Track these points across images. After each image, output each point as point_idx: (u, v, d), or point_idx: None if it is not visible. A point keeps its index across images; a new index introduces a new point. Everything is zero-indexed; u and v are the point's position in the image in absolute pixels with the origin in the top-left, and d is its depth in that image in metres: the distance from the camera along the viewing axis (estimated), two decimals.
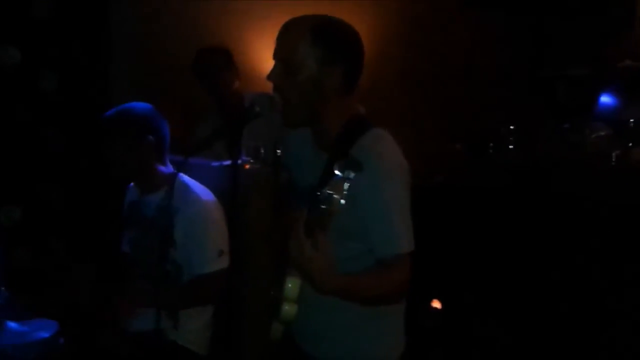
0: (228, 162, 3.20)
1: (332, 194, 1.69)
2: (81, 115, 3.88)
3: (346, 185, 1.70)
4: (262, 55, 4.28)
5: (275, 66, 1.98)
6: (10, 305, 2.68)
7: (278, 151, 3.17)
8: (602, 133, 3.54)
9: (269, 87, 2.04)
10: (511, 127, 3.91)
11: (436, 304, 3.26)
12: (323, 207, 1.71)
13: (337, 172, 1.72)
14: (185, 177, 2.72)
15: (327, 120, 1.99)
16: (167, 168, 2.75)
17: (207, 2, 4.34)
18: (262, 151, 3.31)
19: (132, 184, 2.85)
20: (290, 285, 1.87)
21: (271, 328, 1.99)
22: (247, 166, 3.20)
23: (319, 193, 1.73)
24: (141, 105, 2.73)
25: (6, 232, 3.69)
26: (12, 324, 2.56)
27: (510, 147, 3.86)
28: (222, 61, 3.87)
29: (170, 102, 3.83)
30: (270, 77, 1.99)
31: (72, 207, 3.90)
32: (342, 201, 1.70)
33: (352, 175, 1.73)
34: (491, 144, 3.92)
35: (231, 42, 4.19)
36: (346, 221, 1.83)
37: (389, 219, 1.91)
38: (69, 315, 2.78)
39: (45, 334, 2.54)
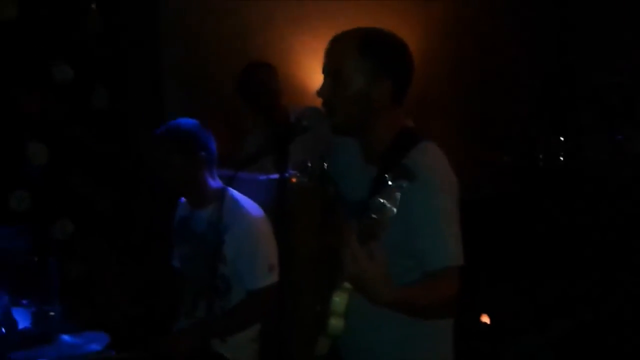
0: (275, 176, 3.20)
1: (384, 202, 1.68)
2: (132, 131, 3.92)
3: (398, 195, 1.69)
4: (307, 70, 4.30)
5: (324, 81, 1.98)
6: (63, 319, 2.73)
7: (325, 165, 3.16)
8: None
9: (314, 101, 2.03)
10: (561, 137, 3.84)
11: (485, 318, 3.20)
12: (374, 216, 1.70)
13: (389, 181, 1.71)
14: (234, 192, 2.73)
15: (376, 133, 1.98)
16: (216, 182, 2.77)
17: (252, 18, 4.36)
18: (309, 165, 3.31)
19: (183, 199, 2.88)
20: (337, 299, 1.85)
21: (318, 343, 1.97)
22: (294, 180, 3.20)
23: (370, 202, 1.72)
24: (189, 122, 2.75)
25: (60, 245, 3.74)
26: (65, 337, 2.60)
27: (561, 158, 3.79)
28: (267, 76, 3.89)
29: (217, 117, 3.88)
30: (320, 92, 1.99)
31: (124, 221, 3.95)
32: (395, 209, 1.68)
33: (404, 184, 1.71)
34: (541, 155, 3.86)
35: (276, 57, 4.21)
36: (395, 236, 1.81)
37: (440, 231, 1.89)
38: (120, 328, 2.81)
39: (97, 347, 2.58)
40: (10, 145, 3.78)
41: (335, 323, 1.86)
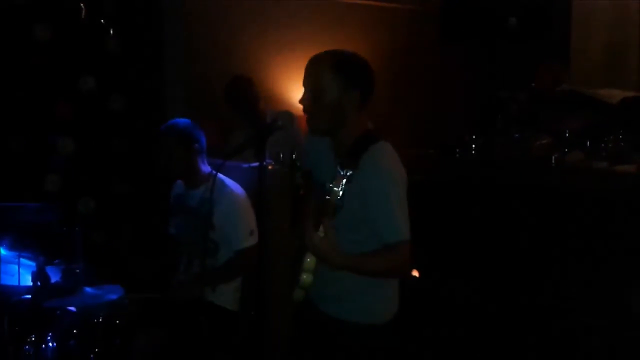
0: (256, 164, 3.18)
1: (332, 187, 1.69)
2: (142, 129, 3.87)
3: (344, 181, 1.70)
4: (282, 80, 4.27)
5: (304, 93, 1.95)
6: (86, 275, 2.69)
7: (294, 156, 3.15)
8: (544, 141, 3.51)
9: (287, 105, 2.02)
10: (474, 136, 3.88)
11: (415, 273, 3.23)
12: (327, 197, 1.72)
13: (339, 170, 1.73)
14: (221, 175, 2.71)
15: (345, 133, 1.96)
16: (207, 167, 2.75)
17: (240, 37, 4.32)
18: (282, 156, 3.30)
19: (178, 180, 2.85)
20: (308, 259, 1.86)
21: (294, 293, 1.96)
22: (271, 167, 3.19)
23: (325, 187, 1.73)
24: (185, 121, 2.74)
25: (84, 218, 3.70)
26: (88, 289, 2.56)
27: (473, 152, 3.83)
28: (247, 87, 3.84)
29: (210, 117, 3.84)
30: (301, 101, 1.96)
31: (136, 198, 3.90)
32: (340, 193, 1.71)
33: (349, 173, 1.72)
34: (457, 150, 3.90)
35: (259, 69, 4.18)
36: (356, 213, 1.87)
37: (391, 212, 1.90)
38: (132, 282, 2.78)
39: (113, 296, 2.54)
40: (44, 140, 3.74)
41: (306, 277, 1.87)
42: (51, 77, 3.72)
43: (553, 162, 3.28)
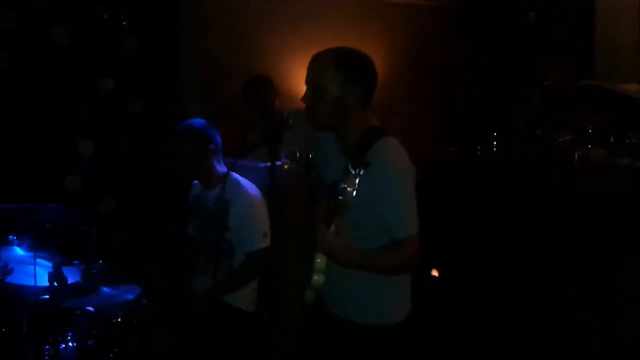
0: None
1: (346, 187, 1.68)
2: (160, 130, 3.89)
3: (357, 180, 1.68)
4: (299, 79, 4.25)
5: (307, 90, 1.94)
6: (104, 274, 2.70)
7: (310, 155, 3.13)
8: (567, 137, 3.44)
9: (303, 104, 2.00)
10: (494, 133, 3.82)
11: (435, 272, 3.19)
12: (340, 197, 1.72)
13: (351, 170, 1.71)
14: (236, 175, 2.70)
15: (348, 130, 1.95)
16: (222, 168, 2.74)
17: (257, 38, 4.31)
18: (299, 155, 3.28)
19: (196, 181, 2.84)
20: (319, 260, 1.85)
21: (305, 294, 1.95)
22: (287, 166, 3.17)
23: (337, 186, 1.71)
24: (200, 121, 2.73)
25: (105, 219, 3.72)
26: (105, 289, 2.58)
27: (494, 149, 3.77)
28: (264, 86, 3.83)
29: (229, 117, 3.84)
30: (303, 99, 1.95)
31: (154, 200, 3.92)
32: (354, 193, 1.70)
33: (361, 172, 1.70)
34: (479, 147, 3.84)
35: (275, 69, 4.17)
36: (365, 211, 1.85)
37: (399, 208, 1.89)
38: (150, 284, 2.79)
39: (130, 296, 2.55)
40: (65, 141, 3.77)
41: (317, 278, 1.86)
42: (70, 79, 3.75)
43: (576, 158, 3.22)
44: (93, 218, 3.18)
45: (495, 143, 3.79)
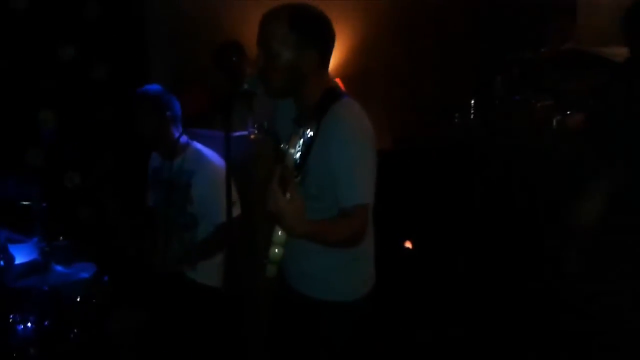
0: (239, 133, 3.03)
1: (288, 148, 1.55)
2: (124, 99, 3.71)
3: (300, 141, 1.53)
4: None
5: (258, 53, 1.78)
6: (60, 252, 2.56)
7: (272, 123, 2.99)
8: (547, 103, 3.33)
9: None
10: (472, 101, 3.71)
11: (408, 244, 3.09)
12: (285, 162, 1.58)
13: (295, 129, 1.60)
14: (197, 145, 2.56)
15: (305, 95, 1.80)
16: (183, 138, 2.59)
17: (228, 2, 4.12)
18: (266, 124, 3.13)
19: (154, 153, 2.69)
20: (279, 232, 1.72)
21: (266, 268, 1.83)
22: (253, 136, 3.03)
23: (282, 150, 1.57)
24: (154, 87, 2.57)
25: (69, 193, 3.56)
26: (58, 267, 2.45)
27: (472, 116, 3.66)
28: (236, 52, 3.68)
29: (197, 85, 3.67)
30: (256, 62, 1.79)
31: (120, 171, 3.76)
32: (297, 155, 1.56)
33: (306, 132, 1.56)
34: (457, 114, 3.74)
35: (246, 35, 3.98)
36: (320, 177, 1.72)
37: (352, 174, 1.73)
38: (110, 259, 2.66)
39: (85, 275, 2.43)
40: (25, 113, 3.58)
41: (277, 251, 1.74)
42: (29, 47, 3.55)
43: (554, 124, 3.12)
44: (53, 192, 3.03)
45: (472, 111, 3.68)
